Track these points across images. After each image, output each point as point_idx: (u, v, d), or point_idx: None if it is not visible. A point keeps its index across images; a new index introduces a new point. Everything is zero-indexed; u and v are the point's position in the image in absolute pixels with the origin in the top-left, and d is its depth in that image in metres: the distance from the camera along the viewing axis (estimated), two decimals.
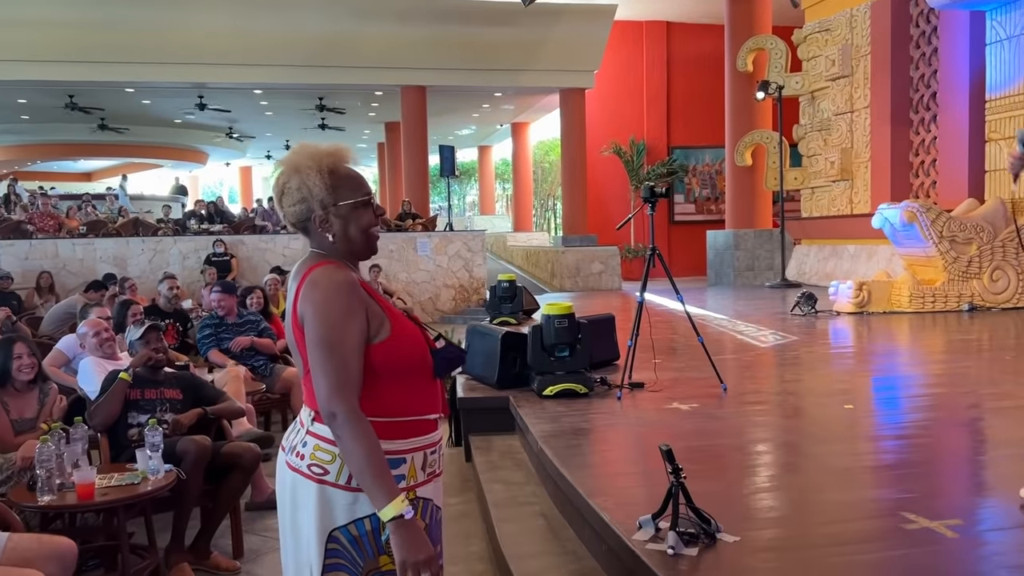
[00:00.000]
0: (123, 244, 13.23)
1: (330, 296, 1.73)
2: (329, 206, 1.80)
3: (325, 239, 1.82)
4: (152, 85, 16.43)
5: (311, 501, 1.76)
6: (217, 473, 3.86)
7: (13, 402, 3.85)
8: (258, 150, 28.53)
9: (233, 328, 6.26)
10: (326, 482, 1.75)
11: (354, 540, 1.76)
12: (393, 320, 1.80)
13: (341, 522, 1.75)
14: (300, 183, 1.79)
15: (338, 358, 1.70)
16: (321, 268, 1.78)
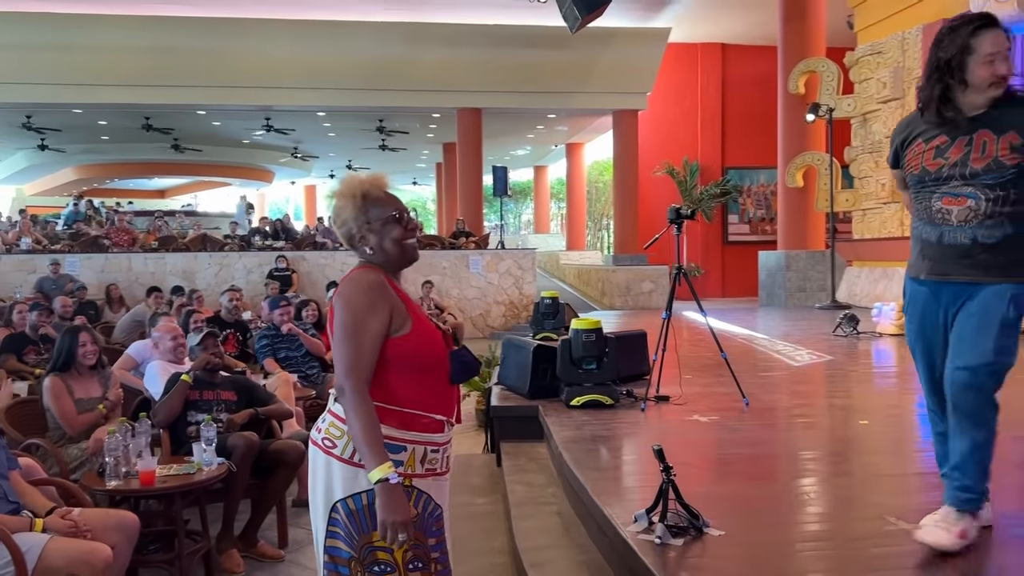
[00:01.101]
0: (191, 258, 13.93)
1: (358, 291, 2.02)
2: (363, 225, 2.11)
3: (366, 255, 2.13)
4: (222, 108, 17.26)
5: (320, 472, 2.05)
6: (265, 469, 4.22)
7: (77, 384, 4.35)
8: (322, 169, 29.44)
9: (289, 339, 6.67)
10: (332, 455, 2.02)
11: (351, 514, 2.00)
12: (416, 321, 2.07)
13: (341, 495, 2.00)
14: (340, 209, 2.13)
15: (355, 344, 1.98)
16: (356, 271, 2.11)
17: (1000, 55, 2.40)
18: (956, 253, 2.48)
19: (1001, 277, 2.43)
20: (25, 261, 13.47)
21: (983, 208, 2.43)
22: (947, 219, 2.49)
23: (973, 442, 2.45)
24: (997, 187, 2.41)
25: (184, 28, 15.14)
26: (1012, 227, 2.43)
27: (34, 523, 2.99)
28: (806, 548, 2.63)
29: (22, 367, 6.97)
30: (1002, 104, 2.45)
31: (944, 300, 2.52)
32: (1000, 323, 2.40)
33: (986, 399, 2.44)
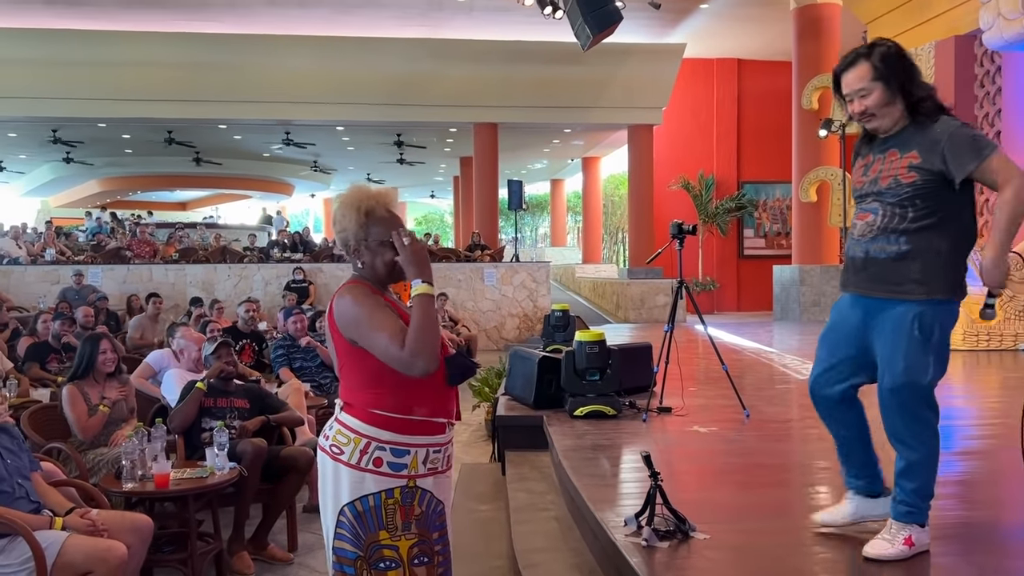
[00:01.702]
0: (211, 270, 14.19)
1: (356, 301, 2.11)
2: (360, 240, 2.19)
3: (358, 268, 2.22)
4: (243, 122, 17.58)
5: (329, 477, 2.16)
6: (276, 474, 4.36)
7: (94, 391, 4.52)
8: (341, 182, 29.76)
9: (303, 349, 6.83)
10: (340, 461, 2.12)
11: (358, 515, 2.10)
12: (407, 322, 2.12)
13: (348, 498, 2.10)
14: (342, 218, 2.22)
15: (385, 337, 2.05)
16: (347, 287, 2.18)
17: (856, 93, 2.54)
18: (855, 266, 2.61)
19: (897, 294, 2.50)
20: (49, 272, 13.78)
21: (878, 223, 2.53)
22: (853, 233, 2.64)
23: (907, 462, 2.55)
24: (896, 204, 2.50)
25: (206, 44, 15.47)
26: (908, 244, 2.49)
27: (54, 521, 3.15)
28: (788, 552, 2.73)
29: (45, 375, 7.18)
30: (915, 124, 2.54)
31: (857, 312, 2.63)
32: (907, 342, 2.47)
33: (914, 419, 2.51)
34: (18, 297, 13.09)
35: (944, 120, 2.51)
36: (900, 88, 2.51)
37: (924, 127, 2.52)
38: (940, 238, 2.50)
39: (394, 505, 2.10)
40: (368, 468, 2.09)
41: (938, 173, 2.47)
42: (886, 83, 2.50)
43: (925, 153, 2.48)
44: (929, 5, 11.41)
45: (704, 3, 14.73)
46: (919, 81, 2.55)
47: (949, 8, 10.99)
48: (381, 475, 2.10)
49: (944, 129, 2.48)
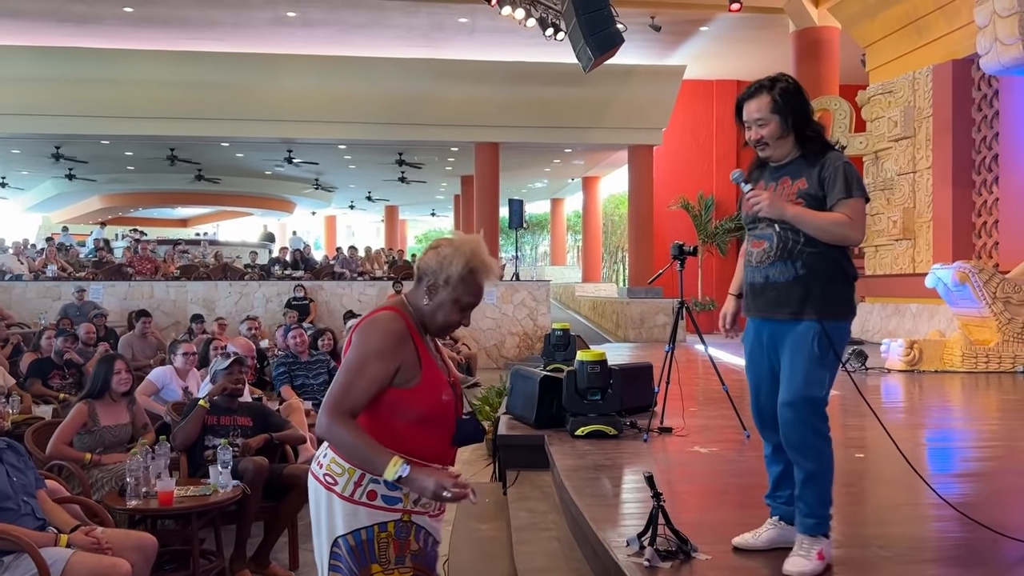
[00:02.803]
0: (212, 287, 14.23)
1: (375, 336, 2.08)
2: (445, 287, 2.14)
3: (422, 298, 2.17)
4: (245, 140, 17.69)
5: (322, 506, 2.11)
6: (279, 492, 4.38)
7: (105, 411, 4.53)
8: (342, 200, 29.88)
9: (305, 366, 6.86)
10: (334, 491, 2.08)
11: (351, 550, 2.07)
12: (425, 378, 2.10)
13: (342, 531, 2.07)
14: (448, 254, 2.14)
15: (349, 381, 2.06)
16: (387, 312, 2.15)
17: (755, 122, 2.68)
18: (756, 291, 2.74)
19: (797, 316, 2.65)
20: (51, 288, 13.82)
21: (774, 250, 2.67)
22: (751, 260, 2.76)
23: (807, 471, 2.67)
24: (788, 230, 2.65)
25: (210, 63, 15.60)
26: (803, 268, 2.64)
27: (59, 539, 3.17)
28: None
29: (47, 391, 7.21)
30: (806, 156, 2.70)
31: (764, 336, 2.77)
32: (806, 359, 2.63)
33: (812, 431, 2.66)
34: (19, 313, 13.12)
35: (833, 154, 2.70)
36: (794, 124, 2.69)
37: (814, 159, 2.70)
38: (829, 261, 2.66)
39: (387, 539, 2.09)
40: (362, 501, 2.07)
41: (821, 199, 2.65)
42: (782, 117, 2.67)
43: (812, 181, 2.67)
44: (927, 29, 11.53)
45: (704, 25, 14.88)
46: (811, 121, 2.74)
47: (947, 32, 11.12)
48: (375, 508, 2.08)
49: (831, 162, 2.67)
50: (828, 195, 2.63)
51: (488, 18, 13.39)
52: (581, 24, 8.86)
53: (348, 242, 29.29)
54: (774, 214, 2.61)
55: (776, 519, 2.89)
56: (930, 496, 3.78)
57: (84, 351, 8.21)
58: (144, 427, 4.78)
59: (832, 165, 2.65)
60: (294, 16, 14.13)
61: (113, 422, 4.58)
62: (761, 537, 2.88)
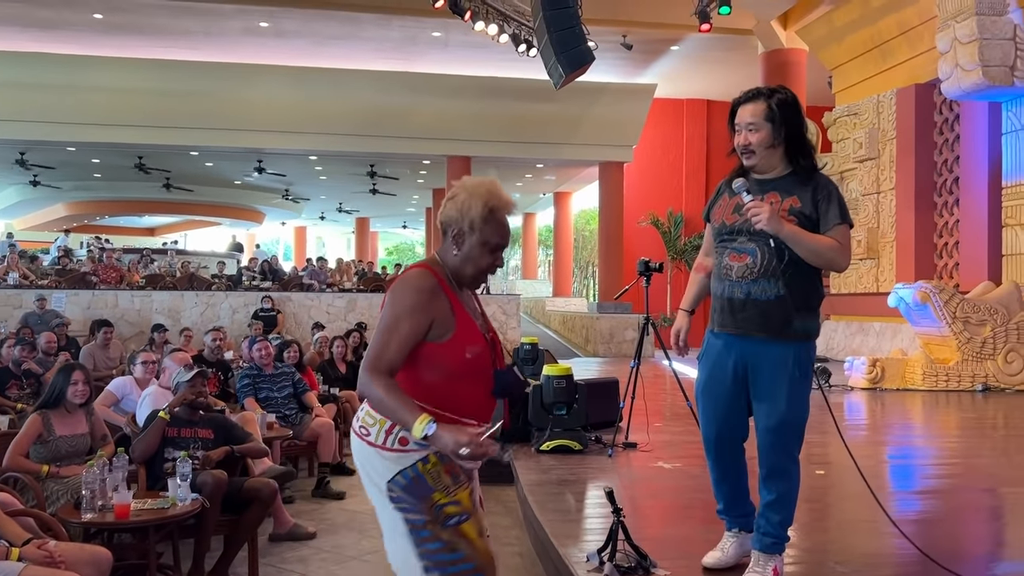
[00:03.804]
0: (178, 297, 14.04)
1: (405, 292, 2.10)
2: (470, 232, 2.14)
3: (451, 250, 2.17)
4: (215, 149, 17.54)
5: (362, 459, 2.15)
6: (239, 505, 4.32)
7: (61, 422, 4.43)
8: (313, 211, 29.71)
9: (270, 379, 6.78)
10: (367, 441, 2.12)
11: (405, 488, 2.07)
12: (459, 331, 2.11)
13: (388, 476, 2.09)
14: (465, 199, 2.15)
15: (385, 339, 2.07)
16: (416, 269, 2.17)
17: (746, 126, 2.65)
18: (734, 308, 2.67)
19: (778, 336, 2.62)
20: (12, 296, 13.55)
21: (758, 266, 2.62)
22: (729, 275, 2.68)
23: (778, 494, 2.68)
24: (774, 246, 2.60)
25: (180, 71, 15.48)
26: (784, 288, 2.60)
27: (10, 552, 3.09)
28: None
29: (4, 401, 7.04)
30: (796, 174, 2.68)
31: (732, 353, 2.71)
32: (789, 383, 2.62)
33: (786, 454, 2.67)
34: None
35: (824, 177, 2.72)
36: (786, 137, 2.66)
37: (804, 179, 2.68)
38: (808, 283, 2.66)
39: (435, 468, 2.07)
40: (394, 448, 2.09)
41: (814, 220, 2.64)
42: (774, 126, 2.64)
43: (806, 201, 2.64)
44: (891, 54, 11.78)
45: (675, 45, 15.07)
46: (805, 139, 2.71)
47: (910, 57, 11.37)
48: (408, 452, 2.08)
49: (825, 184, 2.68)
50: (822, 219, 2.62)
51: (462, 33, 13.44)
52: (553, 41, 8.92)
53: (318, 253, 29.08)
54: (771, 228, 2.54)
55: (736, 531, 2.90)
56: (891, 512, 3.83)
57: (44, 361, 8.06)
58: (103, 438, 4.69)
59: (826, 188, 2.66)
60: (267, 27, 14.08)
61: (69, 432, 4.49)
62: (728, 553, 2.88)
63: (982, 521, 3.83)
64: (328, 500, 5.99)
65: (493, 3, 11.81)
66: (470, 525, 2.07)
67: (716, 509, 2.96)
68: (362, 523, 5.33)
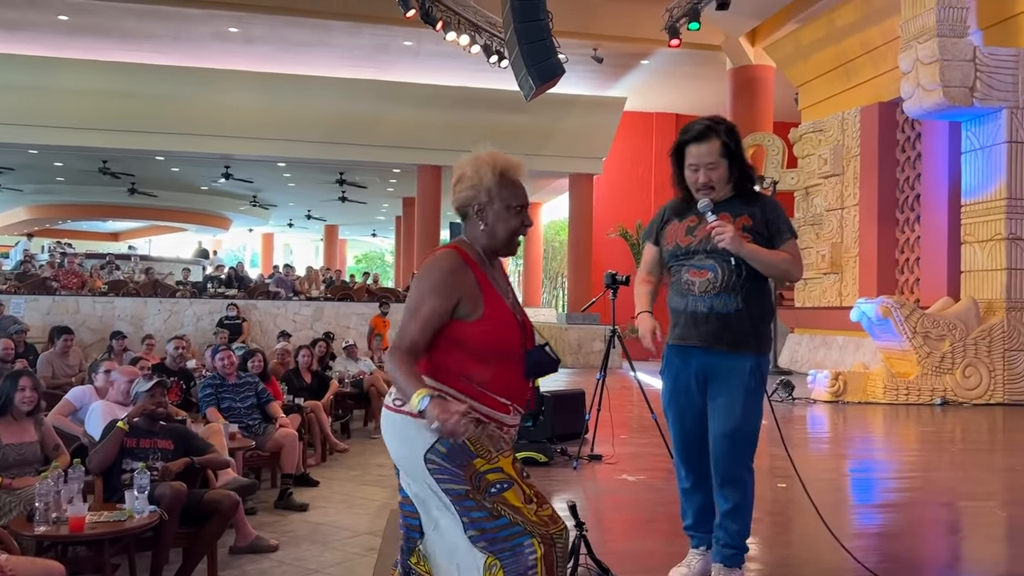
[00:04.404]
0: (141, 304, 13.82)
1: (429, 272, 2.10)
2: (488, 201, 2.16)
3: (477, 227, 2.17)
4: (181, 154, 17.33)
5: (397, 432, 2.10)
6: (199, 518, 4.24)
7: (8, 429, 4.32)
8: (280, 218, 29.46)
9: (233, 389, 6.68)
10: (403, 411, 2.06)
11: (445, 456, 2.02)
12: (488, 309, 2.10)
13: (427, 445, 2.03)
14: (475, 172, 2.17)
15: (407, 320, 2.09)
16: (442, 251, 2.17)
17: (705, 165, 2.73)
18: (697, 321, 2.76)
19: (738, 348, 2.72)
20: None
21: (720, 280, 2.73)
22: (692, 289, 2.77)
23: (734, 503, 2.75)
24: (732, 262, 2.72)
25: (147, 75, 15.29)
26: (743, 302, 2.72)
27: None
28: None
29: None
30: (741, 195, 2.80)
31: (693, 365, 2.80)
32: (744, 393, 2.72)
33: (743, 464, 2.75)
34: None
35: (766, 196, 2.87)
36: (737, 167, 2.78)
37: (749, 199, 2.81)
38: (763, 296, 2.80)
39: (476, 434, 2.03)
40: None
41: (765, 237, 2.76)
42: (730, 161, 2.75)
43: (756, 219, 2.77)
44: (856, 72, 12.00)
45: (645, 59, 15.22)
46: (748, 163, 2.84)
47: (874, 76, 11.59)
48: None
49: (770, 203, 2.84)
50: (775, 235, 2.76)
51: (433, 43, 13.45)
52: (523, 53, 8.96)
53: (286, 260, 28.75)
54: (733, 247, 2.65)
55: (703, 548, 2.93)
56: (850, 525, 3.88)
57: (1, 368, 7.87)
58: (56, 448, 4.58)
59: (772, 206, 2.82)
60: (236, 32, 13.97)
61: (16, 441, 4.38)
62: (694, 569, 2.90)
63: (940, 535, 3.89)
64: (291, 512, 5.92)
65: (465, 14, 11.84)
66: (513, 493, 2.03)
67: (683, 525, 2.98)
68: (325, 535, 5.28)
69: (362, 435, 9.77)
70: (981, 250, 9.19)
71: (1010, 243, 8.89)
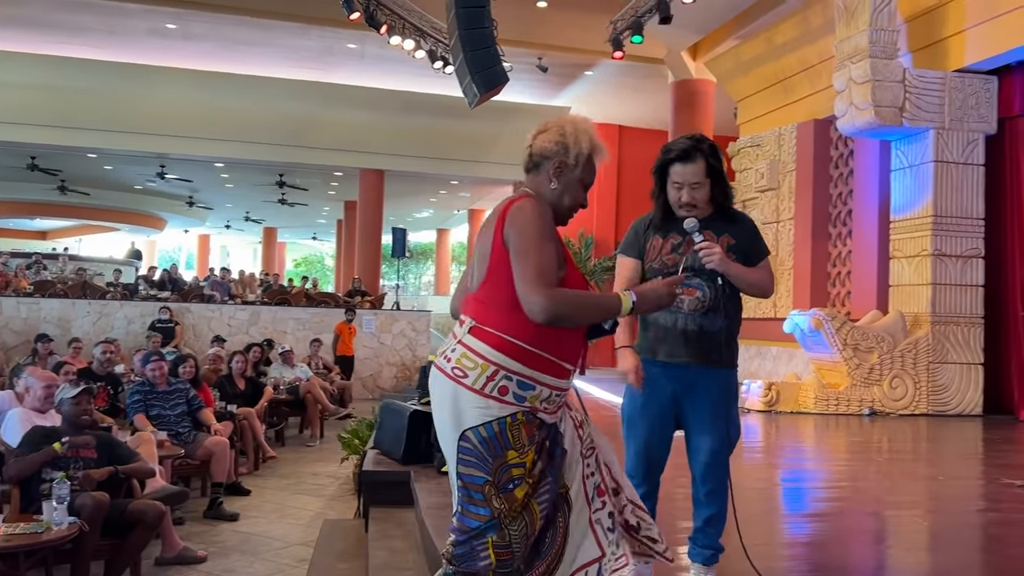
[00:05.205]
0: (68, 305, 13.38)
1: (534, 218, 2.10)
2: (573, 167, 2.21)
3: (547, 184, 2.22)
4: (115, 152, 16.84)
5: (447, 400, 2.10)
6: (123, 529, 4.11)
7: None
8: (218, 220, 28.85)
9: (163, 395, 6.50)
10: (463, 384, 2.07)
11: (484, 441, 2.06)
12: (569, 267, 2.19)
13: (472, 423, 2.06)
14: (574, 132, 2.22)
15: (536, 260, 2.04)
16: (529, 200, 2.16)
17: (690, 186, 2.79)
18: (688, 338, 2.82)
19: (720, 364, 2.83)
20: None
21: (709, 299, 2.79)
22: (681, 307, 2.82)
23: (718, 508, 2.88)
24: (717, 280, 2.79)
25: (79, 69, 14.83)
26: (726, 320, 2.82)
27: None
28: None
29: None
30: (720, 213, 2.86)
31: (675, 381, 2.85)
32: (727, 407, 2.85)
33: (727, 471, 2.88)
34: None
35: (742, 214, 2.97)
36: (720, 187, 2.85)
37: (730, 217, 2.89)
38: (739, 314, 2.91)
39: (518, 425, 2.08)
40: (492, 395, 2.06)
41: (747, 254, 2.85)
42: (714, 181, 2.83)
43: (739, 238, 2.85)
44: (793, 89, 12.30)
45: (588, 70, 15.36)
46: (728, 182, 2.90)
47: (810, 93, 11.89)
48: (504, 403, 2.07)
49: (749, 221, 2.95)
50: (752, 254, 2.86)
51: (378, 46, 13.34)
52: (468, 61, 8.95)
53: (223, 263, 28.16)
54: (721, 268, 2.72)
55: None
56: (781, 535, 3.95)
57: None
58: None
59: (751, 224, 2.93)
60: (174, 28, 13.64)
61: None
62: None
63: (867, 544, 3.98)
64: (221, 522, 5.79)
65: (410, 18, 11.78)
66: (521, 489, 2.08)
67: None
68: (255, 546, 5.16)
69: (297, 443, 9.61)
70: (908, 265, 9.50)
71: (935, 259, 9.21)
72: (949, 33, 9.30)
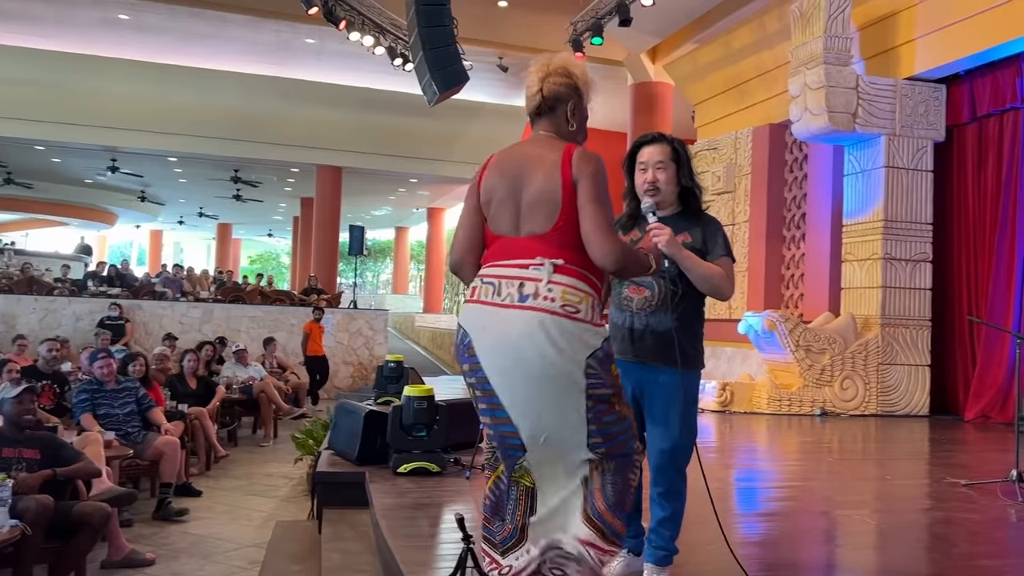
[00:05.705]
0: (13, 301, 13.02)
1: (603, 168, 2.32)
2: (584, 106, 2.43)
3: (564, 124, 2.41)
4: (63, 144, 16.44)
5: (566, 337, 2.20)
6: (68, 531, 4.00)
7: None
8: (170, 215, 28.33)
9: (111, 394, 6.34)
10: (579, 319, 2.21)
11: (600, 361, 2.26)
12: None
13: (592, 351, 2.23)
14: (581, 75, 2.40)
15: (609, 209, 2.28)
16: (582, 148, 2.35)
17: (655, 164, 2.87)
18: (634, 337, 2.86)
19: (671, 364, 2.81)
20: None
21: (656, 298, 2.82)
22: (630, 306, 2.87)
23: (672, 510, 2.89)
24: (668, 280, 2.81)
25: (26, 59, 14.43)
26: (677, 320, 2.82)
27: None
28: None
29: None
30: (686, 213, 2.92)
31: (630, 379, 2.87)
32: (681, 408, 2.84)
33: (680, 474, 2.89)
34: None
35: (708, 215, 3.00)
36: (684, 177, 2.91)
37: (694, 218, 2.93)
38: (696, 314, 2.90)
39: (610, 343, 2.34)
40: (599, 323, 2.28)
41: (703, 254, 2.86)
42: (678, 166, 2.90)
43: (696, 237, 2.88)
44: (749, 94, 12.46)
45: None
46: (698, 182, 2.96)
47: (766, 98, 12.06)
48: (603, 327, 2.31)
49: (712, 222, 2.96)
50: (710, 251, 2.86)
51: (337, 42, 13.21)
52: (428, 59, 8.91)
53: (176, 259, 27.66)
54: (669, 250, 2.71)
55: (625, 552, 2.98)
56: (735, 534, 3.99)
57: None
58: None
59: (713, 225, 2.94)
60: (127, 19, 13.34)
61: None
62: (615, 572, 2.92)
63: (817, 543, 4.04)
64: (169, 523, 5.68)
65: (369, 14, 11.69)
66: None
67: None
68: (206, 548, 5.07)
69: (250, 443, 9.47)
70: (860, 268, 9.69)
71: (885, 263, 9.41)
72: (900, 42, 9.51)
